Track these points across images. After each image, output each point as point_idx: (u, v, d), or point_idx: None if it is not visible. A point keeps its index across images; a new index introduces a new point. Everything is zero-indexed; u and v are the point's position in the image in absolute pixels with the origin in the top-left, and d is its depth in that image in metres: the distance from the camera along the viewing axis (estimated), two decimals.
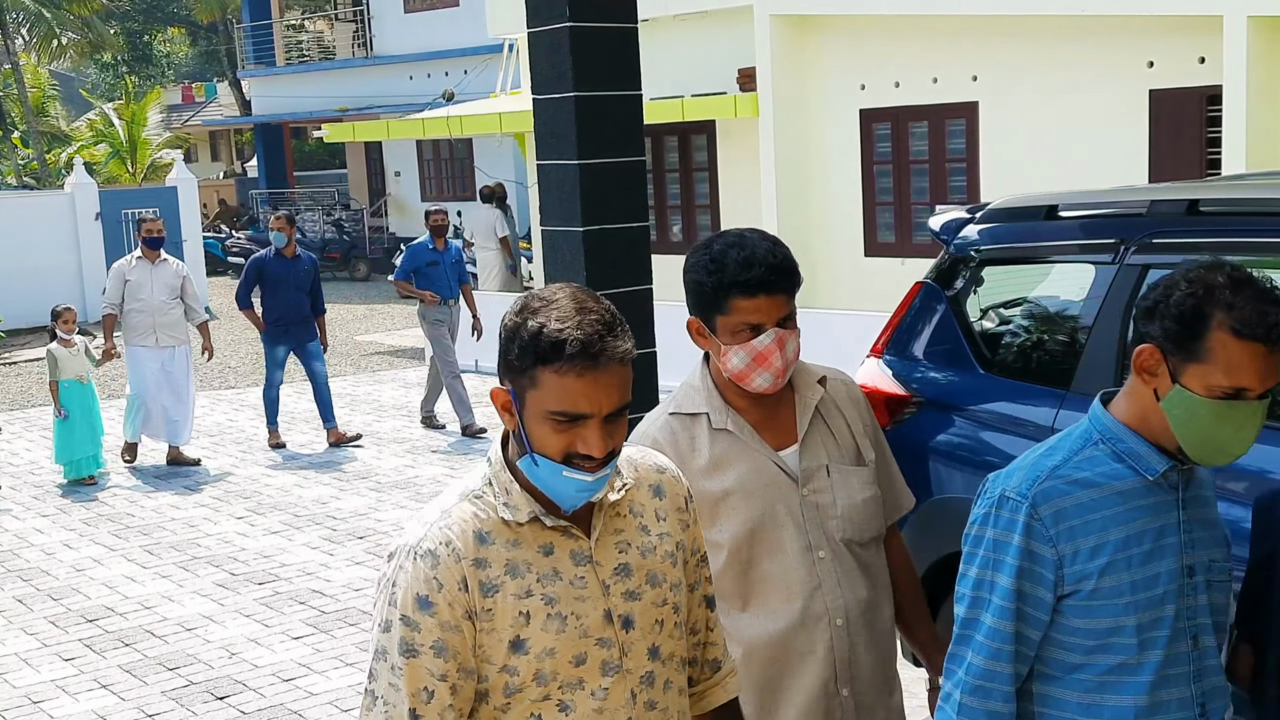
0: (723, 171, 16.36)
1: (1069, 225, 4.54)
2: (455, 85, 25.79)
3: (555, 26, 5.18)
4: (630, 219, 5.43)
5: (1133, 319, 2.58)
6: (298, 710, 5.99)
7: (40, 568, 8.42)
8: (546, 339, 2.04)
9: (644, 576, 2.26)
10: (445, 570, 2.11)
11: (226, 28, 41.05)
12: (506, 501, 2.18)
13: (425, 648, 2.10)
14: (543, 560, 2.17)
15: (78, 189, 22.15)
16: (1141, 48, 12.40)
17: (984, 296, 4.98)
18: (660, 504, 2.36)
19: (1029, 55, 13.27)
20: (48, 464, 11.47)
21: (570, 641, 2.16)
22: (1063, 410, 4.34)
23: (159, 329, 10.80)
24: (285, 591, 7.72)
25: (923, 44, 14.09)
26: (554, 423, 2.07)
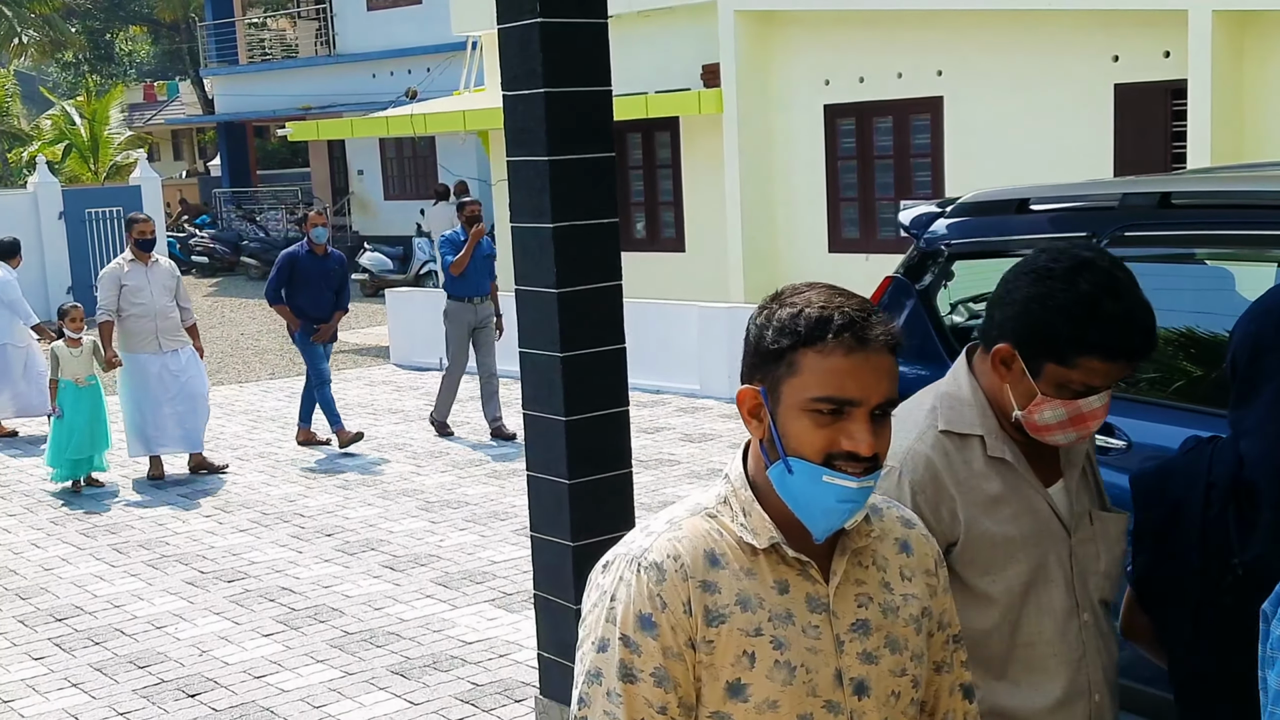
0: (686, 168, 16.35)
1: (1040, 219, 4.53)
2: (418, 83, 25.67)
3: (525, 22, 5.15)
4: (600, 215, 5.40)
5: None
6: (269, 707, 5.94)
7: (8, 567, 8.33)
8: (808, 317, 1.82)
9: (883, 639, 1.95)
10: (671, 588, 1.86)
11: (189, 26, 40.75)
12: (745, 523, 1.92)
13: (645, 674, 1.86)
14: (777, 598, 1.89)
15: (41, 188, 21.92)
16: (1106, 42, 12.47)
17: (954, 291, 4.98)
18: (907, 561, 2.03)
19: (994, 50, 13.31)
20: (12, 463, 11.35)
21: (796, 697, 1.87)
22: None
23: (161, 333, 10.29)
24: (254, 589, 7.66)
25: (887, 39, 14.12)
26: (816, 415, 1.81)
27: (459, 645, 6.59)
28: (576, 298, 5.31)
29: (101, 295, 10.22)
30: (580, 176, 5.30)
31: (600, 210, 5.39)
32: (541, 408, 5.43)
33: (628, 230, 16.26)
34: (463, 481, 9.99)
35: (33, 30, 36.85)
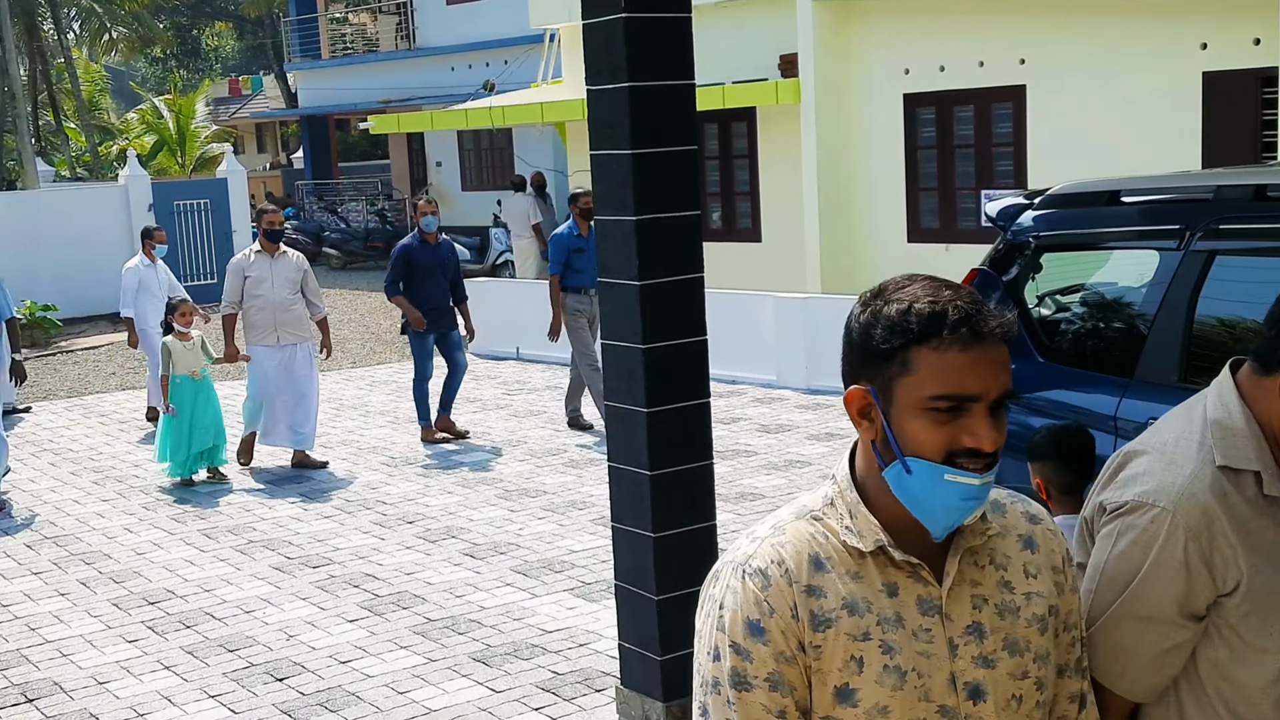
0: (763, 158, 16.29)
1: (1131, 211, 4.46)
2: (496, 76, 25.78)
3: (611, 17, 5.13)
4: (682, 208, 5.39)
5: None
6: (355, 691, 5.99)
7: (102, 551, 8.48)
8: (920, 313, 1.75)
9: (1001, 641, 1.87)
10: (776, 593, 1.82)
11: (273, 21, 41.22)
12: (850, 525, 1.86)
13: (759, 680, 1.82)
14: (886, 601, 1.84)
15: (131, 181, 22.30)
16: (1195, 29, 12.23)
17: (1041, 283, 4.91)
18: (1031, 558, 1.95)
19: (1078, 37, 13.11)
20: (106, 449, 11.55)
21: (907, 702, 1.82)
22: (1125, 399, 4.27)
23: (280, 326, 10.02)
24: (339, 575, 7.73)
25: (969, 27, 13.97)
26: (934, 413, 1.75)
27: (539, 634, 6.60)
28: (658, 290, 5.30)
29: (226, 287, 10.07)
30: (663, 170, 5.28)
31: (683, 203, 5.37)
32: (623, 399, 5.43)
33: (704, 220, 16.25)
34: (540, 470, 10.02)
35: (122, 26, 37.47)
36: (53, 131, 38.86)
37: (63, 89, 38.27)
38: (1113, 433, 4.33)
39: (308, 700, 5.93)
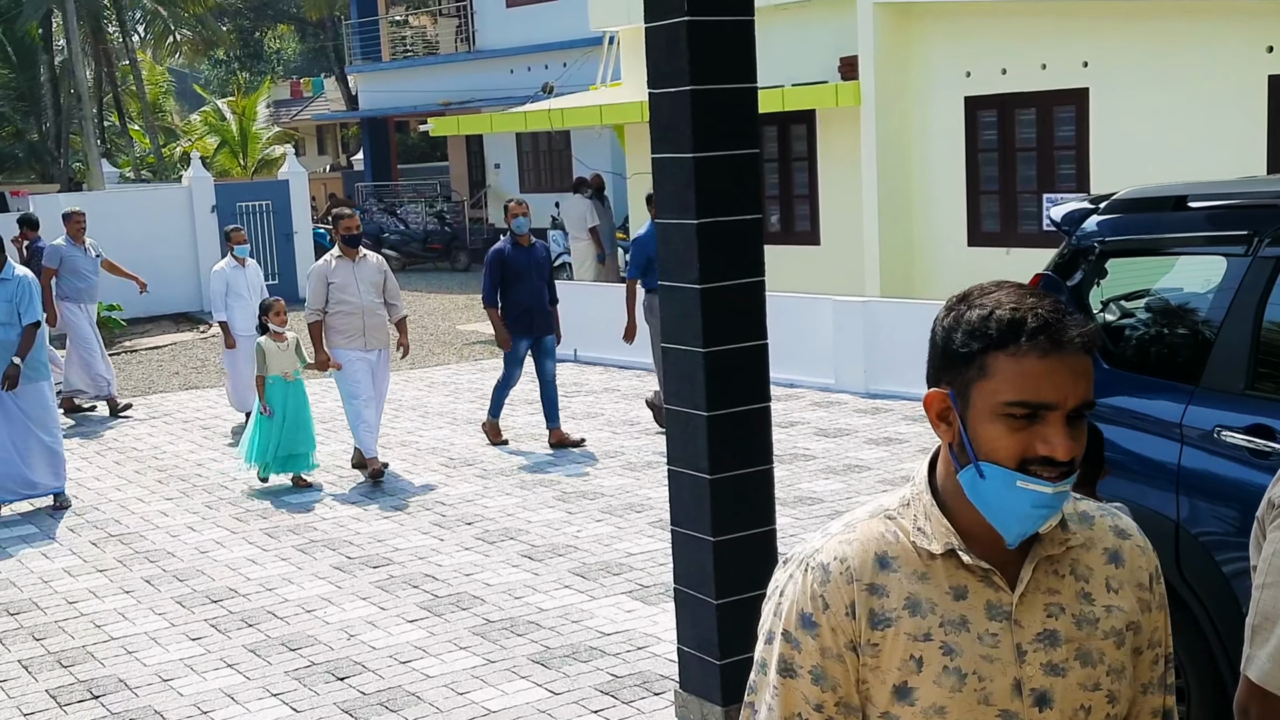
0: (822, 161, 16.25)
1: (1198, 216, 4.42)
2: (555, 78, 25.84)
3: (674, 21, 5.14)
4: (744, 211, 5.39)
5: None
6: (415, 691, 6.02)
7: (166, 550, 8.57)
8: (999, 319, 1.76)
9: (1074, 651, 1.86)
10: (834, 590, 1.85)
11: (334, 24, 41.56)
12: (923, 527, 1.87)
13: (804, 671, 1.86)
14: (951, 603, 1.84)
15: (195, 182, 22.56)
16: (1260, 31, 12.07)
17: (1106, 289, 4.87)
18: (1115, 572, 1.93)
19: (1141, 40, 12.98)
20: (170, 449, 11.69)
21: (966, 705, 1.82)
22: (1191, 406, 4.23)
23: (368, 331, 9.83)
24: (399, 575, 7.77)
25: (1031, 29, 13.87)
26: (1009, 420, 1.75)
27: (597, 636, 6.61)
28: (719, 293, 5.31)
29: (309, 294, 9.87)
30: (725, 173, 5.29)
31: (744, 206, 5.37)
32: (683, 402, 5.43)
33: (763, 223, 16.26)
34: (598, 473, 10.04)
35: (186, 29, 37.91)
36: (118, 133, 39.39)
37: (127, 91, 38.79)
38: (1178, 440, 4.29)
39: (368, 700, 5.98)
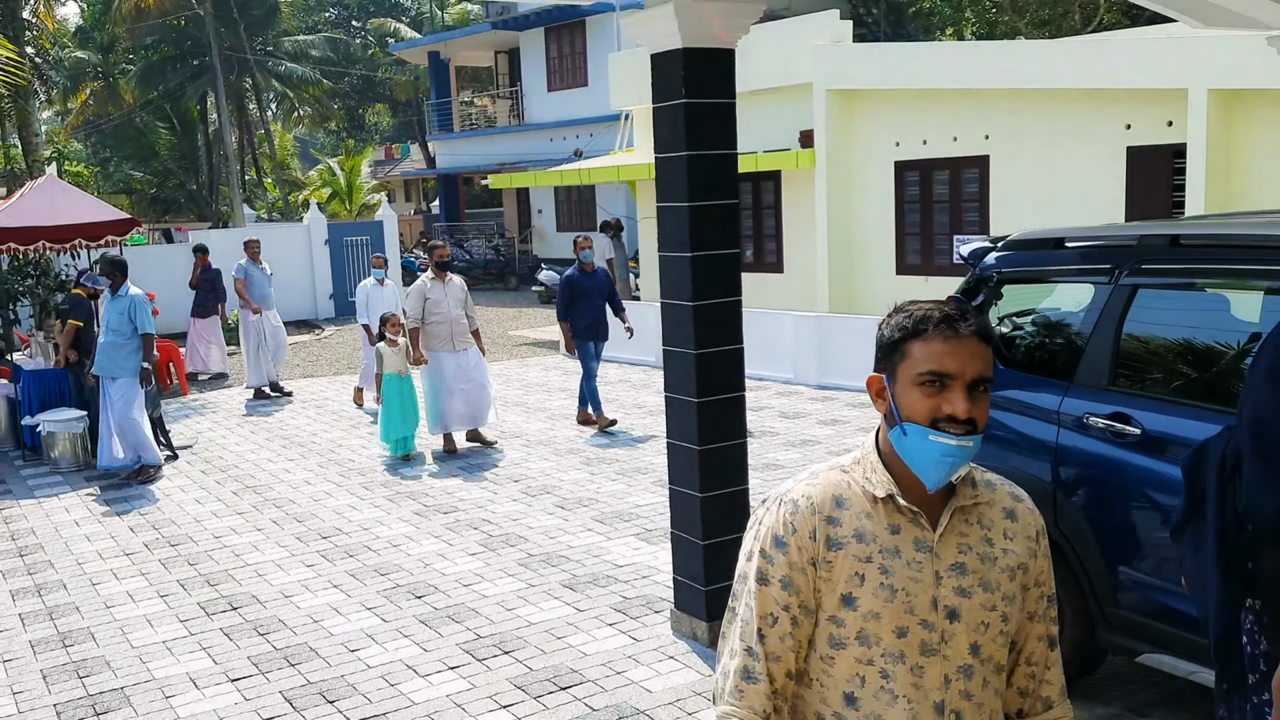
0: (786, 209, 16.18)
1: (1073, 253, 4.37)
2: (584, 145, 25.80)
3: (674, 102, 5.12)
4: (726, 247, 5.36)
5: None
6: (474, 607, 5.95)
7: (288, 498, 8.53)
8: (915, 316, 1.85)
9: (978, 580, 1.90)
10: (801, 518, 1.89)
11: (418, 103, 41.53)
12: (869, 476, 1.91)
13: (775, 580, 1.90)
14: (888, 536, 1.87)
15: (313, 222, 22.55)
16: (1121, 113, 12.03)
17: (1003, 308, 4.83)
18: (1011, 525, 1.96)
19: (1030, 119, 12.94)
20: (291, 422, 11.67)
21: (895, 612, 1.85)
22: (1066, 398, 4.19)
23: (455, 336, 9.76)
24: (463, 519, 7.72)
25: (945, 110, 13.81)
26: (923, 388, 1.81)
27: (613, 567, 6.59)
28: (707, 309, 5.29)
29: (410, 306, 9.78)
30: (712, 218, 5.26)
31: (727, 243, 5.35)
32: (679, 391, 5.41)
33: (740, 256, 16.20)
34: (613, 444, 10.02)
35: (307, 107, 37.90)
36: (255, 184, 39.41)
37: (263, 153, 38.79)
38: (1056, 424, 4.25)
39: (439, 613, 5.96)
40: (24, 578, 6.89)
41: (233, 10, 31.55)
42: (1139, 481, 3.92)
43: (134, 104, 33.24)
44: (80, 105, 33.79)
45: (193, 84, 32.20)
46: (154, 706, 4.97)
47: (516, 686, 4.98)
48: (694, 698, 4.80)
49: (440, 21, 39.42)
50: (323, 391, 13.69)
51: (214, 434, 11.24)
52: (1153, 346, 4.17)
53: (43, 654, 5.65)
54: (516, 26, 28.88)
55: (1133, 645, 4.04)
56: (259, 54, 33.20)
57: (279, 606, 6.16)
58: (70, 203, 12.21)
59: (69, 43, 33.43)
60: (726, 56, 5.19)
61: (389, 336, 9.74)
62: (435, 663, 5.29)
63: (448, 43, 32.30)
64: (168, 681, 5.23)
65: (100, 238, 11.95)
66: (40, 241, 11.65)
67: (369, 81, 42.31)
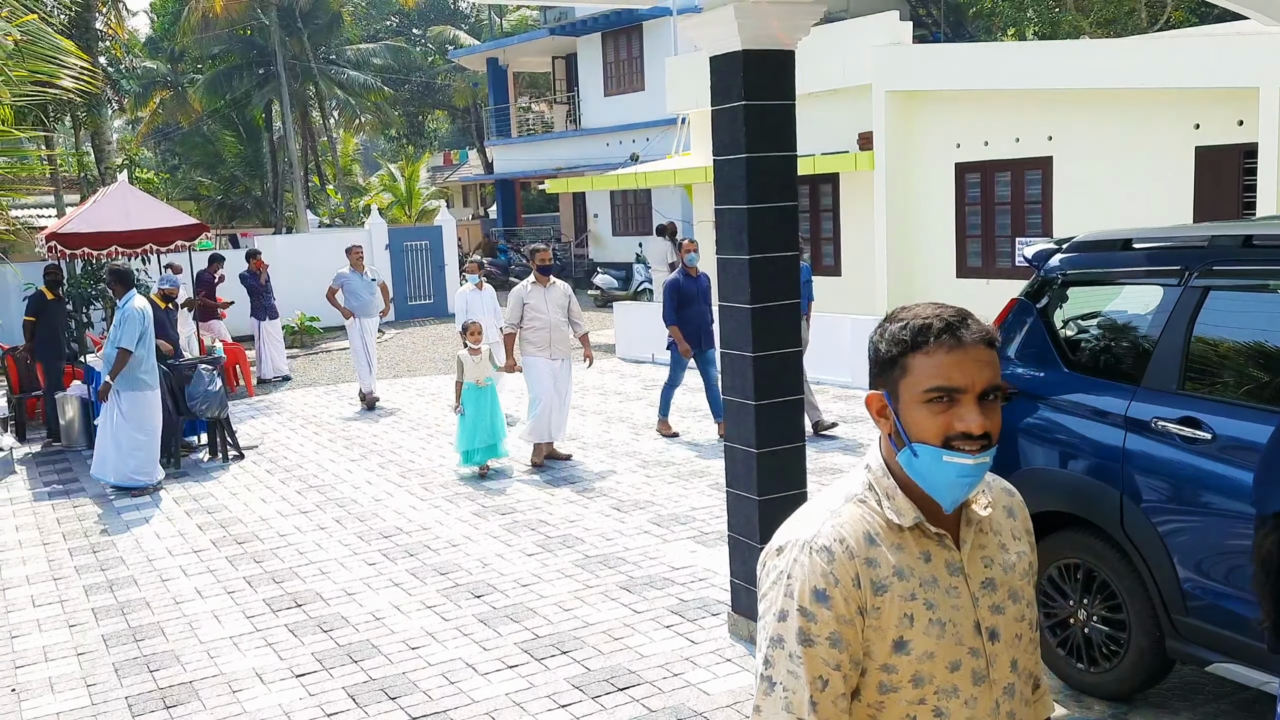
0: (844, 212, 16.06)
1: (1141, 255, 4.29)
2: (640, 149, 25.83)
3: (733, 105, 5.11)
4: (785, 250, 5.34)
5: None
6: (532, 608, 5.98)
7: (350, 498, 8.65)
8: (913, 327, 1.70)
9: (1006, 592, 1.82)
10: (840, 567, 1.70)
11: (476, 109, 41.90)
12: (890, 505, 1.76)
13: (821, 638, 1.70)
14: (924, 566, 1.75)
15: (374, 227, 22.85)
16: (1189, 113, 11.77)
17: (1068, 311, 4.75)
18: (1014, 524, 1.90)
19: (1096, 118, 12.72)
20: (353, 424, 11.81)
21: (948, 647, 1.73)
22: (1134, 402, 4.11)
23: (554, 343, 9.28)
24: (520, 520, 7.77)
25: (1007, 111, 13.63)
26: (930, 405, 1.68)
27: (670, 570, 6.58)
28: (765, 312, 5.27)
29: (507, 311, 9.39)
30: (770, 221, 5.24)
31: (785, 246, 5.32)
32: (737, 394, 5.39)
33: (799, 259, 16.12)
34: (670, 447, 10.00)
35: (369, 114, 38.39)
36: (318, 190, 39.98)
37: (325, 160, 39.38)
38: (1124, 428, 4.17)
39: (498, 612, 6.00)
40: (97, 573, 7.06)
41: (297, 20, 32.08)
42: (1209, 487, 3.83)
43: (201, 112, 33.93)
44: (150, 114, 34.57)
45: (258, 92, 32.80)
46: (221, 700, 5.07)
47: (574, 686, 5.00)
48: (751, 700, 4.78)
49: (498, 28, 39.74)
50: (383, 394, 13.86)
51: (278, 435, 11.42)
52: (1224, 349, 4.07)
53: (114, 648, 5.78)
54: (574, 32, 29.01)
55: (1202, 654, 3.95)
56: (322, 62, 33.72)
57: (342, 604, 6.24)
58: (141, 208, 12.50)
59: (139, 53, 34.24)
60: (786, 58, 5.16)
61: (470, 345, 9.27)
62: (494, 661, 5.33)
63: (506, 49, 32.55)
64: (234, 676, 5.33)
65: (170, 243, 12.21)
66: (112, 246, 11.93)
67: (429, 88, 42.77)
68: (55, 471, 10.29)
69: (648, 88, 27.06)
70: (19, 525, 8.39)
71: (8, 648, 5.87)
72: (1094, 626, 4.41)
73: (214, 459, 10.32)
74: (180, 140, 36.01)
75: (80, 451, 11.11)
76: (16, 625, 6.19)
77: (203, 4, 29.03)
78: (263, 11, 30.93)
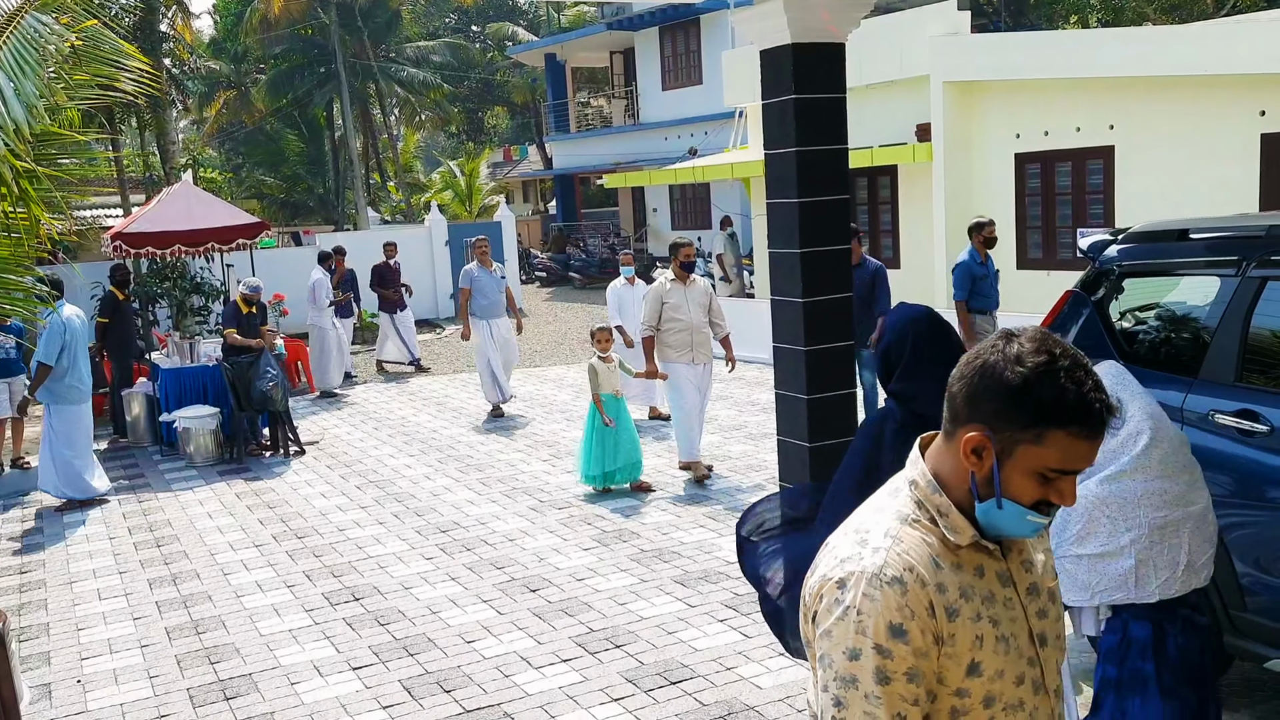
0: (903, 204, 15.91)
1: (1198, 245, 4.22)
2: (698, 143, 25.79)
3: (783, 99, 5.11)
4: (836, 243, 5.33)
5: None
6: (587, 602, 6.05)
7: (409, 493, 8.74)
8: (1073, 405, 1.59)
9: (1047, 594, 1.80)
10: (914, 598, 1.63)
11: (535, 105, 42.15)
12: (945, 524, 1.70)
13: (899, 674, 1.62)
14: (980, 582, 1.70)
15: (434, 224, 23.08)
16: (1255, 99, 11.47)
17: (1123, 302, 4.68)
18: None
19: (1157, 106, 12.45)
20: (413, 419, 11.95)
21: (1014, 662, 1.70)
22: (1191, 394, 4.04)
23: (695, 346, 8.52)
24: (577, 515, 7.80)
25: (1067, 100, 13.40)
26: (1042, 478, 1.62)
27: (724, 564, 6.59)
28: (817, 306, 5.26)
29: (646, 312, 8.58)
30: (821, 214, 5.24)
31: (836, 239, 5.31)
32: (789, 388, 5.39)
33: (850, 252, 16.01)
34: (727, 441, 10.00)
35: (429, 110, 38.82)
36: (379, 188, 40.54)
37: (386, 157, 39.89)
38: (1180, 421, 4.11)
39: (553, 606, 6.06)
40: (160, 567, 7.26)
41: (357, 19, 32.54)
42: (1268, 480, 3.76)
43: (264, 112, 34.57)
44: (215, 114, 35.30)
45: (319, 91, 33.33)
46: (279, 692, 5.19)
47: (627, 680, 5.04)
48: (803, 695, 4.78)
49: (556, 24, 39.92)
50: (443, 389, 14.02)
51: (338, 430, 11.62)
52: None
53: (177, 640, 5.95)
54: (631, 27, 29.05)
55: (1262, 650, 3.88)
56: (382, 60, 34.16)
57: (399, 598, 6.34)
58: (204, 208, 12.79)
59: (204, 54, 34.98)
60: (837, 51, 5.15)
61: (599, 354, 8.44)
62: (548, 655, 5.39)
63: (564, 45, 32.68)
64: (293, 668, 5.45)
65: (232, 241, 12.48)
66: (176, 245, 12.22)
67: (488, 85, 43.10)
68: (121, 467, 10.57)
69: (705, 82, 27.02)
70: (86, 519, 8.64)
71: (73, 639, 6.07)
72: None
73: (275, 454, 10.53)
74: (244, 140, 36.72)
75: (147, 448, 11.40)
76: (83, 618, 6.39)
77: (263, 5, 29.57)
78: (323, 11, 31.42)
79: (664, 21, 28.02)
